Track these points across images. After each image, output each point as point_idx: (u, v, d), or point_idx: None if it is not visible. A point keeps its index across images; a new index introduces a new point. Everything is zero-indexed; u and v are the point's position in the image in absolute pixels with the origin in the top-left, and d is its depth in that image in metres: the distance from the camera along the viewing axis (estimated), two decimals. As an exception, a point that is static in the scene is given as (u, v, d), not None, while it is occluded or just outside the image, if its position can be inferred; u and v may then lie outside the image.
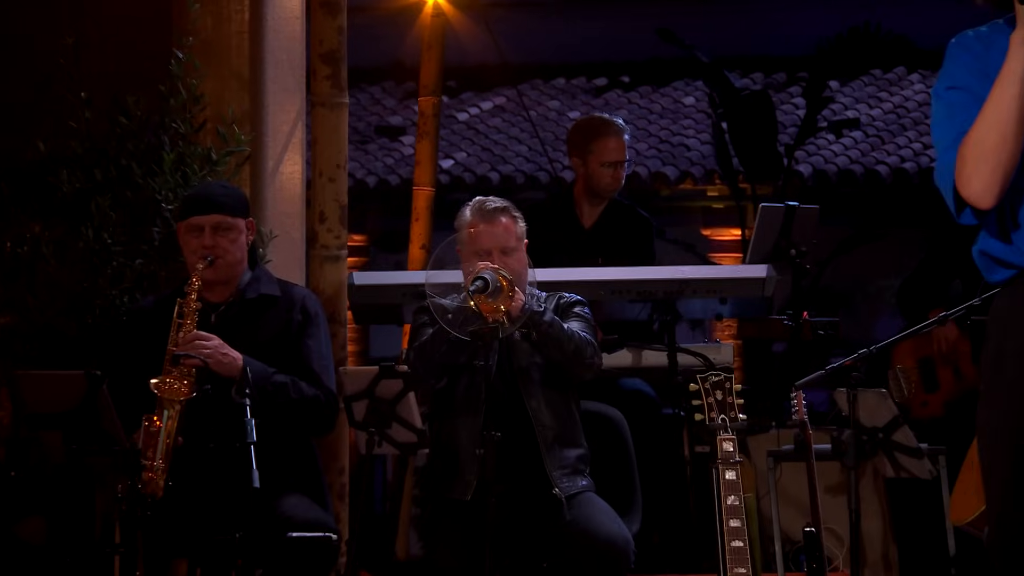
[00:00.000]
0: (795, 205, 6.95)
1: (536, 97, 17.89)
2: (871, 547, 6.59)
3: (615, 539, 5.29)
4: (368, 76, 17.11)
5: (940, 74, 3.47)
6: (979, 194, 3.33)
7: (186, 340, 5.24)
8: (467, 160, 16.70)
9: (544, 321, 5.33)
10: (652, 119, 17.00)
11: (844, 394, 5.35)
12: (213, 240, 5.35)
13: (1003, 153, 3.29)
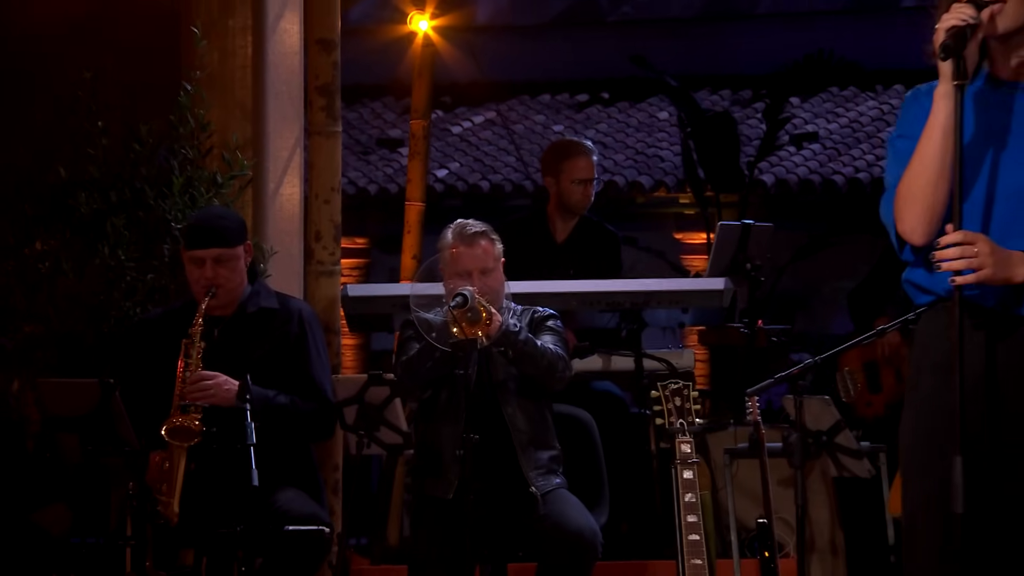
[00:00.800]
0: (750, 223, 6.97)
1: (523, 112, 17.88)
2: (819, 534, 6.58)
3: (584, 531, 5.30)
4: (369, 93, 17.10)
5: (897, 123, 3.47)
6: (910, 232, 3.34)
7: (192, 382, 5.21)
8: (460, 170, 16.68)
9: (519, 340, 5.33)
10: (629, 132, 16.99)
11: (792, 400, 5.36)
12: (214, 271, 5.32)
13: (931, 196, 3.28)
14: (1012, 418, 3.29)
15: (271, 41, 6.03)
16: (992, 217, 3.30)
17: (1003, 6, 3.26)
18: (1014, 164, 3.30)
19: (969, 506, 3.18)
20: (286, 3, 6.05)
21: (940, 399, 3.26)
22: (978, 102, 3.31)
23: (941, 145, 3.25)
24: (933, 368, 3.33)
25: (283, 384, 5.38)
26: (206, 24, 5.94)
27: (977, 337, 3.29)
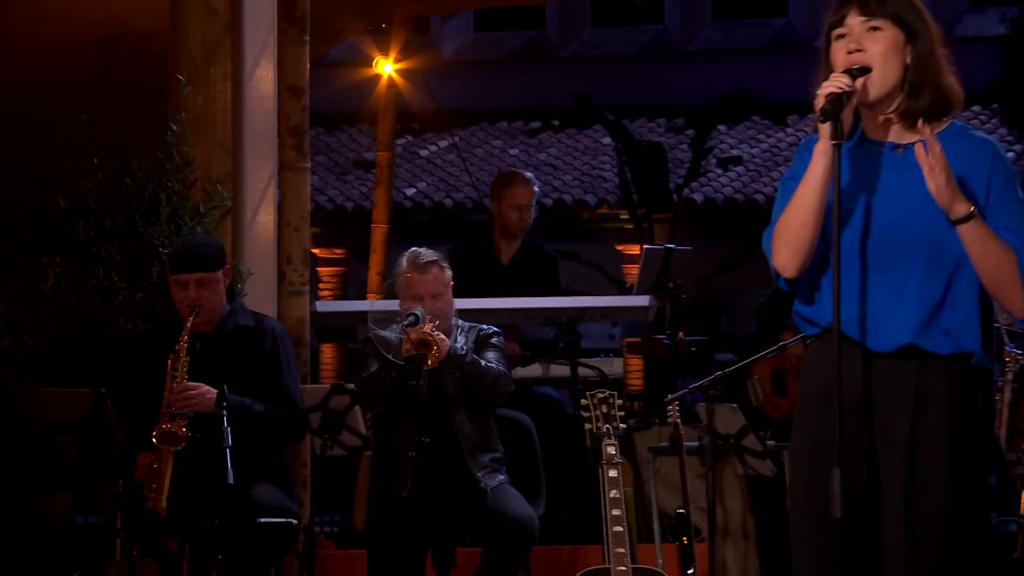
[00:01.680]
0: (672, 247, 6.99)
1: (483, 137, 17.89)
2: (733, 520, 6.62)
3: (524, 519, 5.36)
4: (347, 120, 17.06)
5: (792, 165, 3.46)
6: (782, 266, 3.34)
7: (178, 392, 5.22)
8: (427, 189, 16.67)
9: (466, 362, 5.36)
10: (576, 155, 17.02)
11: (704, 407, 5.40)
12: (197, 293, 5.33)
13: (802, 237, 3.29)
14: (884, 436, 3.31)
15: (248, 87, 6.01)
16: (867, 256, 3.31)
17: (871, 76, 3.29)
18: (883, 215, 3.31)
19: (846, 512, 3.21)
20: (261, 54, 6.04)
21: (822, 419, 3.27)
22: (852, 158, 3.33)
23: (815, 195, 3.27)
24: (817, 392, 3.34)
25: (258, 393, 5.38)
26: (191, 72, 5.91)
27: (854, 364, 3.30)
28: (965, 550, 3.28)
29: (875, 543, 3.30)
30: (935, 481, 3.26)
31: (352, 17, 8.09)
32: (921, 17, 3.33)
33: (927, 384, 3.29)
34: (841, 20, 3.34)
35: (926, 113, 3.31)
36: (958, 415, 3.30)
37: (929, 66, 3.31)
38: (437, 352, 5.14)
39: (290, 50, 6.15)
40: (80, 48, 6.90)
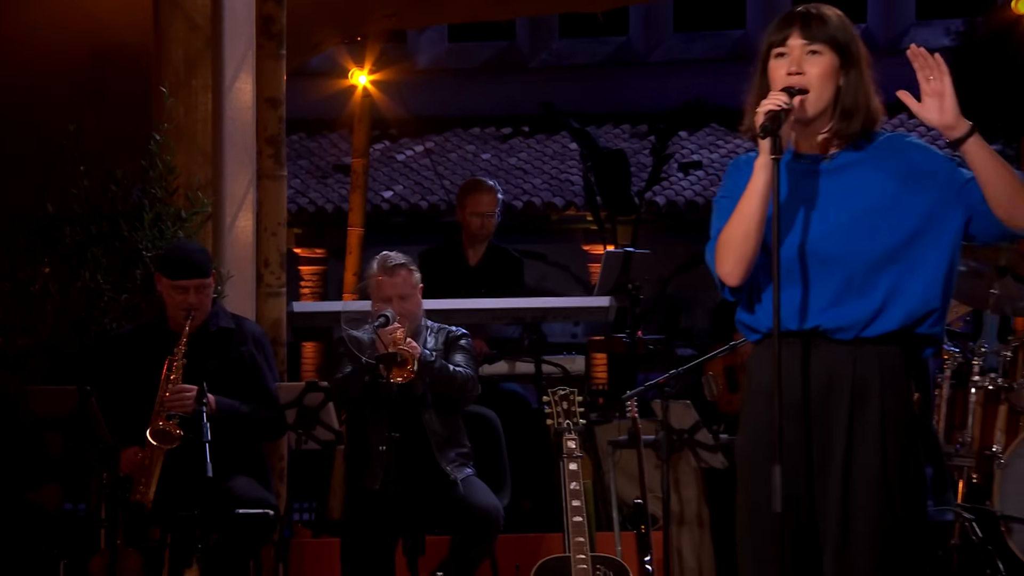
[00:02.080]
0: (632, 251, 7.00)
1: (457, 142, 17.89)
2: (688, 509, 6.62)
3: (490, 509, 5.37)
4: (327, 125, 17.06)
5: (721, 185, 3.49)
6: (727, 275, 3.35)
7: (175, 392, 5.21)
8: (403, 191, 16.67)
9: (435, 368, 5.36)
10: (545, 160, 17.04)
11: (659, 404, 5.41)
12: (197, 298, 5.33)
13: (745, 247, 3.31)
14: (821, 433, 3.33)
15: (228, 99, 6.00)
16: (807, 269, 3.33)
17: (808, 96, 3.31)
18: (819, 222, 3.33)
19: (787, 506, 3.22)
20: (240, 67, 6.03)
21: (764, 419, 3.28)
22: (789, 171, 3.34)
23: (757, 206, 3.28)
24: (760, 394, 3.35)
25: (239, 393, 5.38)
26: (173, 84, 5.90)
27: (795, 366, 3.31)
28: (900, 539, 3.29)
29: (815, 535, 3.32)
30: (868, 469, 3.27)
31: (328, 30, 8.07)
32: (855, 43, 3.36)
33: (863, 375, 3.30)
34: (783, 40, 3.36)
35: (856, 134, 3.35)
36: (891, 405, 3.30)
37: (860, 90, 3.34)
38: (411, 368, 5.14)
39: (267, 64, 6.14)
40: (70, 60, 6.87)
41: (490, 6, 8.19)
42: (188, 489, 5.09)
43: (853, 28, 3.39)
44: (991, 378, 6.30)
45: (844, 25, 3.37)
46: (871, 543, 3.27)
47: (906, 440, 3.32)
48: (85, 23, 6.82)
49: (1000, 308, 6.41)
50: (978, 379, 6.30)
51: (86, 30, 6.86)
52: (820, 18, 3.35)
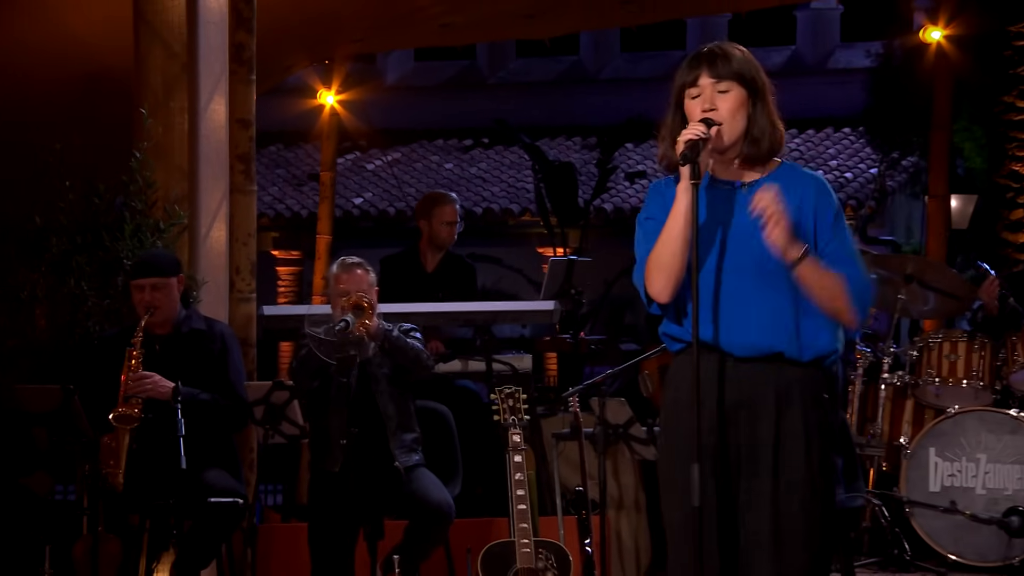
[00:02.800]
0: (574, 259, 7.01)
1: (422, 153, 17.88)
2: (627, 495, 6.64)
3: (441, 504, 5.36)
4: (302, 137, 16.96)
5: (643, 207, 3.49)
6: (658, 293, 3.37)
7: (134, 379, 5.21)
8: (372, 198, 16.65)
9: (393, 336, 5.38)
10: (503, 169, 17.06)
11: (596, 401, 5.43)
12: (151, 296, 5.32)
13: (673, 265, 3.32)
14: (737, 436, 3.35)
15: (203, 119, 5.97)
16: (721, 282, 3.35)
17: (722, 128, 3.33)
18: (735, 242, 3.36)
19: (704, 501, 3.24)
20: (215, 90, 6.01)
21: (685, 422, 3.30)
22: (708, 195, 3.36)
23: (682, 228, 3.30)
24: (682, 399, 3.36)
25: (208, 386, 5.37)
26: (152, 105, 5.87)
27: (713, 374, 3.33)
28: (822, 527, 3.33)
29: (731, 526, 3.33)
30: (797, 471, 3.30)
31: (298, 55, 8.06)
32: (759, 76, 3.39)
33: (786, 387, 3.32)
34: (694, 80, 3.38)
35: (763, 157, 3.37)
36: (812, 413, 3.33)
37: (765, 118, 3.37)
38: (371, 312, 5.15)
39: (239, 88, 6.12)
40: (57, 82, 6.83)
41: (447, 34, 8.20)
42: (164, 480, 5.07)
43: (756, 62, 3.41)
44: (899, 375, 6.36)
45: (748, 60, 3.39)
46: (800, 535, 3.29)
47: (825, 441, 3.36)
48: (71, 48, 6.78)
49: (907, 312, 6.47)
50: (887, 376, 6.36)
51: (72, 55, 6.82)
52: (725, 56, 3.37)
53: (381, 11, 7.48)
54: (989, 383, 6.22)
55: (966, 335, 6.28)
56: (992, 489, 6.02)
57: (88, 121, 6.37)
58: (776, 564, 3.28)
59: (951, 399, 6.26)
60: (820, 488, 3.32)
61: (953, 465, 6.07)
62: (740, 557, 3.32)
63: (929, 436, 6.12)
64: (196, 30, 5.92)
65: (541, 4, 7.88)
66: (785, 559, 3.28)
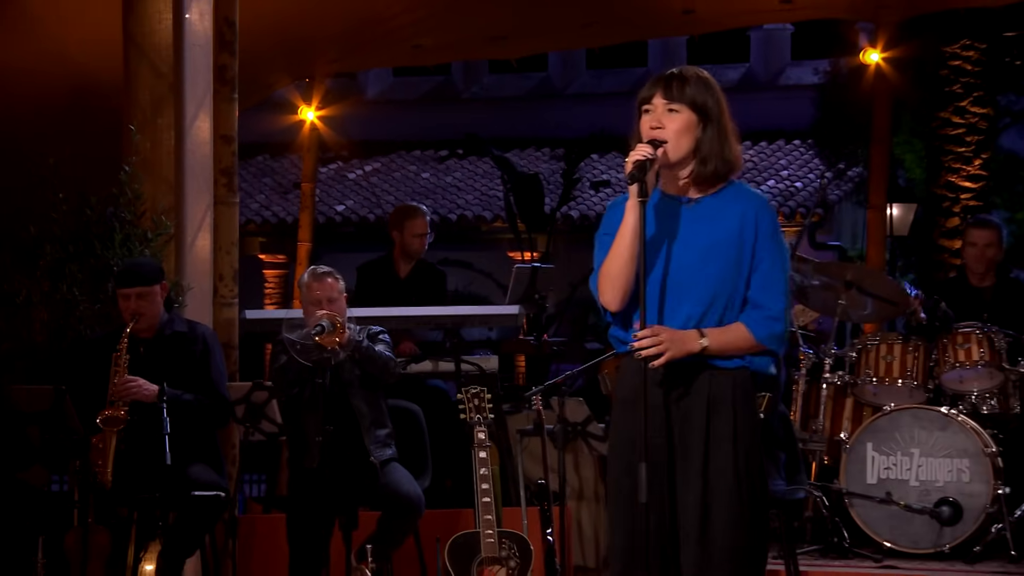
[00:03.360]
0: (538, 266, 7.02)
1: (401, 163, 17.85)
2: (587, 487, 6.64)
3: (412, 497, 5.35)
4: (288, 148, 16.93)
5: (601, 222, 3.49)
6: (609, 302, 3.39)
7: (120, 384, 5.19)
8: (354, 205, 16.62)
9: (363, 347, 5.37)
10: (476, 178, 17.06)
11: (556, 400, 5.43)
12: (136, 304, 5.30)
13: (622, 276, 3.34)
14: (680, 434, 3.37)
15: (188, 135, 5.95)
16: (667, 291, 3.36)
17: (667, 146, 3.34)
18: (680, 253, 3.37)
19: (650, 497, 3.25)
20: (199, 108, 5.98)
21: (631, 422, 3.31)
22: (656, 210, 3.38)
23: (630, 243, 3.31)
24: (627, 399, 3.38)
25: (191, 386, 5.35)
26: (141, 122, 5.84)
27: (656, 377, 3.33)
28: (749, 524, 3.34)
29: (674, 521, 3.35)
30: (725, 469, 3.32)
31: (280, 73, 8.04)
32: (715, 101, 3.38)
33: (716, 390, 3.34)
34: (649, 99, 3.40)
35: (711, 177, 3.38)
36: (741, 415, 3.35)
37: (716, 141, 3.37)
38: (342, 328, 5.14)
39: (222, 106, 6.09)
40: (50, 99, 6.80)
41: (419, 54, 8.19)
42: (151, 474, 5.06)
43: (714, 88, 3.40)
44: (839, 375, 6.38)
45: (705, 86, 3.39)
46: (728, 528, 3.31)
47: (753, 440, 3.37)
48: (64, 67, 6.75)
49: (847, 316, 6.49)
50: (829, 376, 6.37)
51: (65, 74, 6.79)
52: (681, 80, 3.38)
53: (356, 34, 7.48)
54: (922, 382, 6.25)
55: (901, 338, 6.31)
56: (924, 481, 6.05)
57: (80, 136, 6.35)
58: (705, 552, 3.29)
59: (887, 397, 6.29)
60: (748, 481, 3.32)
61: (889, 459, 6.09)
62: (683, 552, 3.32)
63: (867, 432, 6.15)
64: (182, 52, 5.90)
65: (508, 27, 7.88)
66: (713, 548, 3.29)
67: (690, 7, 7.58)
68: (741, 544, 3.32)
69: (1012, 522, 5.88)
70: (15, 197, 6.08)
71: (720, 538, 3.30)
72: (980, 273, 6.50)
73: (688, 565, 3.30)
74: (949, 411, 6.11)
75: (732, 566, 3.30)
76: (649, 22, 8.11)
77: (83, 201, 5.91)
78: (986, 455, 5.98)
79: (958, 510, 5.95)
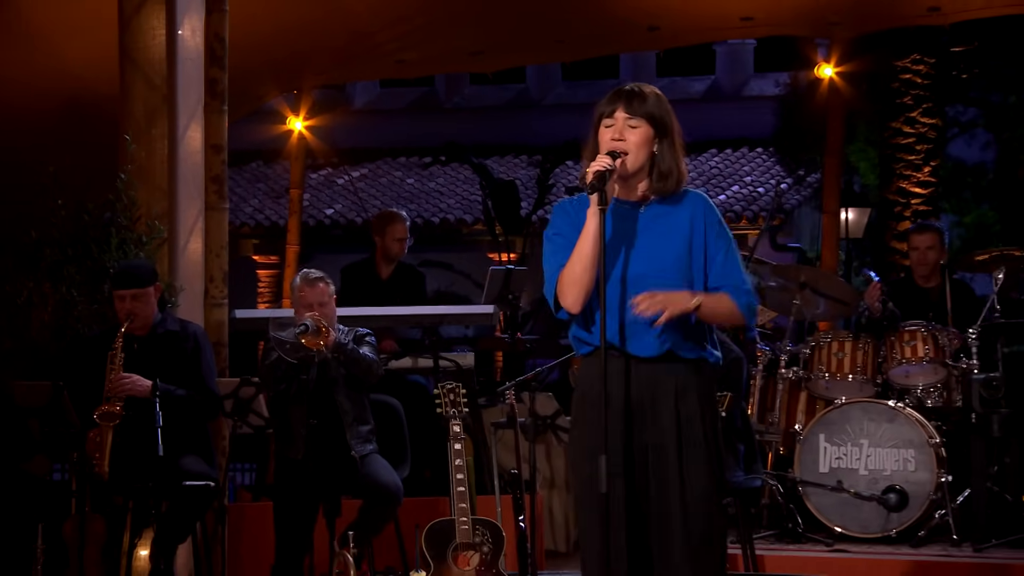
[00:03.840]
0: (512, 268, 7.02)
1: (387, 169, 17.81)
2: (557, 476, 6.67)
3: (390, 486, 5.35)
4: (281, 155, 16.83)
5: (549, 223, 3.50)
6: (570, 304, 3.39)
7: (115, 380, 5.18)
8: (342, 209, 16.59)
9: (348, 349, 5.35)
10: (458, 184, 17.03)
11: (527, 395, 5.43)
12: (131, 305, 5.29)
13: (584, 279, 3.34)
14: (641, 431, 3.38)
15: (181, 145, 5.94)
16: (626, 293, 3.37)
17: (626, 158, 3.36)
18: (638, 257, 3.38)
19: (610, 488, 3.26)
20: (191, 119, 5.97)
21: (594, 419, 3.32)
22: (615, 217, 3.39)
23: (592, 247, 3.32)
24: (589, 396, 3.38)
25: (182, 382, 5.34)
26: (135, 132, 5.83)
27: (618, 372, 3.35)
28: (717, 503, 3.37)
29: (636, 508, 3.35)
30: (698, 454, 3.33)
31: (269, 86, 8.03)
32: (669, 118, 3.41)
33: (681, 382, 3.36)
34: (611, 112, 3.42)
35: (670, 191, 3.40)
36: (706, 405, 3.37)
37: (670, 155, 3.40)
38: (326, 333, 5.14)
39: (213, 117, 6.09)
40: (50, 110, 6.78)
41: (402, 68, 8.19)
42: (145, 465, 5.06)
43: (667, 105, 3.43)
44: (794, 371, 6.41)
45: (660, 103, 3.41)
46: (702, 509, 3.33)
47: (716, 428, 3.39)
48: (63, 81, 6.73)
49: (801, 315, 6.52)
50: (784, 372, 6.40)
51: (64, 87, 6.77)
52: (641, 96, 3.40)
53: (341, 49, 7.48)
54: (871, 377, 6.29)
55: (852, 335, 6.34)
56: (873, 470, 6.09)
57: (78, 146, 6.33)
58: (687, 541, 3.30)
59: (839, 391, 6.32)
60: (715, 469, 3.34)
61: (840, 449, 6.12)
62: (651, 536, 3.32)
63: (819, 424, 6.18)
64: (175, 66, 5.89)
65: (484, 43, 7.89)
66: (693, 534, 3.31)
67: (655, 24, 7.60)
68: (717, 521, 3.35)
69: (954, 508, 5.92)
70: (17, 203, 6.05)
71: (700, 514, 3.31)
72: (925, 275, 6.54)
73: (665, 545, 3.30)
74: (896, 404, 6.14)
75: (713, 546, 3.32)
76: (617, 38, 8.14)
77: (81, 207, 5.89)
78: (930, 446, 6.01)
79: (904, 497, 5.99)
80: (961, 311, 6.37)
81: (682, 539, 3.30)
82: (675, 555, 3.29)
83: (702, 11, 7.73)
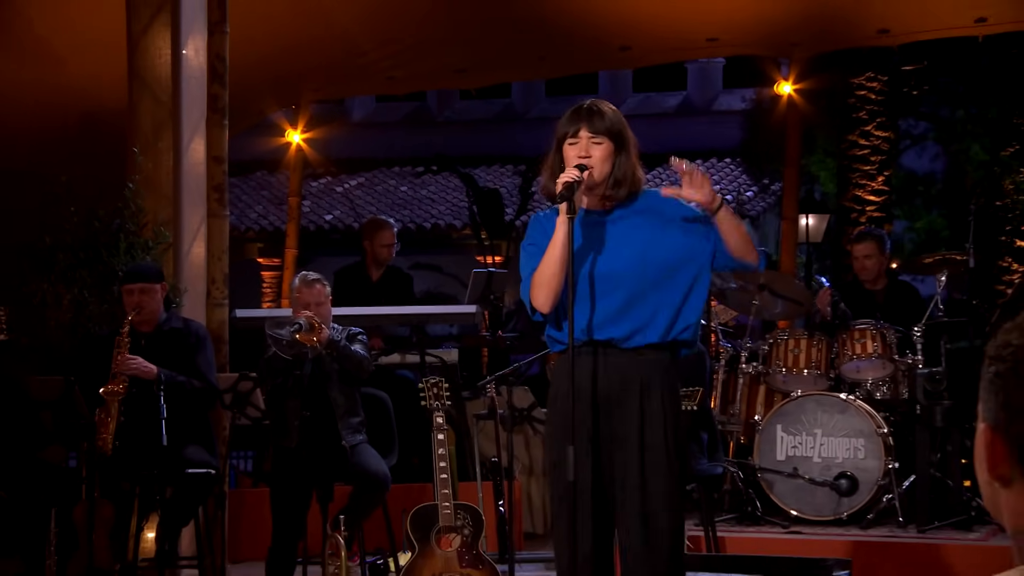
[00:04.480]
0: (493, 270, 7.02)
1: (382, 178, 17.79)
2: (536, 464, 6.67)
3: (379, 474, 5.33)
4: (283, 164, 16.83)
5: (526, 235, 3.51)
6: (541, 305, 3.39)
7: (121, 360, 5.19)
8: (340, 216, 16.56)
9: (340, 346, 5.35)
10: (448, 191, 17.02)
11: (505, 389, 5.44)
12: (139, 298, 5.30)
13: (553, 283, 3.35)
14: (608, 423, 3.38)
15: (185, 156, 5.94)
16: (596, 296, 3.38)
17: (592, 171, 3.38)
18: (606, 258, 3.39)
19: (578, 477, 3.28)
20: (195, 132, 5.98)
21: (564, 412, 3.33)
22: (584, 225, 3.41)
23: (561, 252, 3.33)
24: (563, 391, 3.38)
25: (184, 374, 5.36)
26: (143, 144, 5.83)
27: (586, 371, 3.37)
28: (679, 496, 3.38)
29: (603, 496, 3.37)
30: (658, 446, 3.33)
31: (268, 101, 8.02)
32: (625, 132, 3.43)
33: (646, 376, 3.35)
34: (575, 132, 3.42)
35: (625, 196, 3.42)
36: (668, 397, 3.37)
37: (627, 167, 3.42)
38: (319, 330, 5.14)
39: (215, 131, 6.09)
40: (63, 126, 6.77)
41: (392, 84, 8.20)
42: (150, 454, 5.07)
43: (623, 119, 3.45)
44: (754, 366, 6.43)
45: (618, 118, 3.44)
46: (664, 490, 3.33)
47: (678, 420, 3.39)
48: (75, 98, 6.73)
49: (760, 314, 6.54)
50: (744, 367, 6.42)
51: (76, 103, 6.77)
52: (600, 114, 3.42)
53: (335, 67, 7.48)
54: (825, 372, 6.31)
55: (807, 333, 6.36)
56: (826, 458, 6.11)
57: (89, 158, 6.33)
58: (645, 524, 3.31)
59: (795, 385, 6.34)
60: (677, 455, 3.35)
61: (795, 438, 6.14)
62: (617, 519, 3.33)
63: (777, 415, 6.20)
64: (179, 84, 5.89)
65: (469, 61, 7.90)
66: (653, 520, 3.31)
67: (627, 44, 7.62)
68: (676, 516, 3.34)
69: (900, 493, 5.94)
70: (33, 211, 6.06)
71: (658, 511, 3.30)
72: (869, 279, 6.57)
73: (628, 534, 3.30)
74: (847, 397, 6.16)
75: (671, 538, 3.31)
76: (591, 57, 8.15)
77: (92, 214, 5.90)
78: (879, 435, 6.04)
79: (854, 483, 6.01)
80: (906, 310, 6.40)
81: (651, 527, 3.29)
82: (636, 542, 3.30)
83: (670, 32, 7.76)
